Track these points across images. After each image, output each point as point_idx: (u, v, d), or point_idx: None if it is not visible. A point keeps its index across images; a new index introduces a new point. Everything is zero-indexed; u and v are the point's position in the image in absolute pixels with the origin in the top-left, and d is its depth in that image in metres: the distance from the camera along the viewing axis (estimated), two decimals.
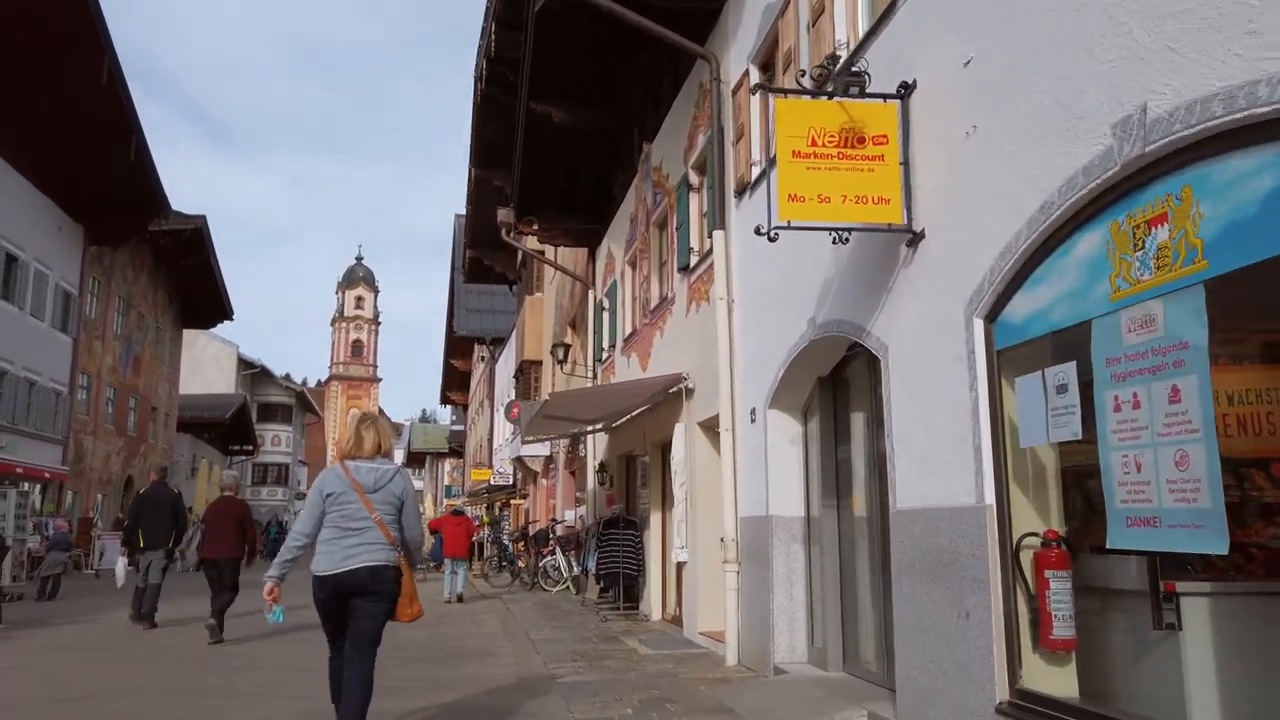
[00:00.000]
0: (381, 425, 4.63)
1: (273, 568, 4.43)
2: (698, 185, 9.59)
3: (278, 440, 55.87)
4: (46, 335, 23.86)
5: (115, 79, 21.29)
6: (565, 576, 15.38)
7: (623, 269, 13.26)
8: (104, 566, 22.05)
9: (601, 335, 14.78)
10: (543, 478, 23.02)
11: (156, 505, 10.44)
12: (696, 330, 9.17)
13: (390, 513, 4.42)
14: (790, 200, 4.57)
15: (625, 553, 10.95)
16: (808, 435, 7.02)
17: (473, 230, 28.62)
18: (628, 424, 12.00)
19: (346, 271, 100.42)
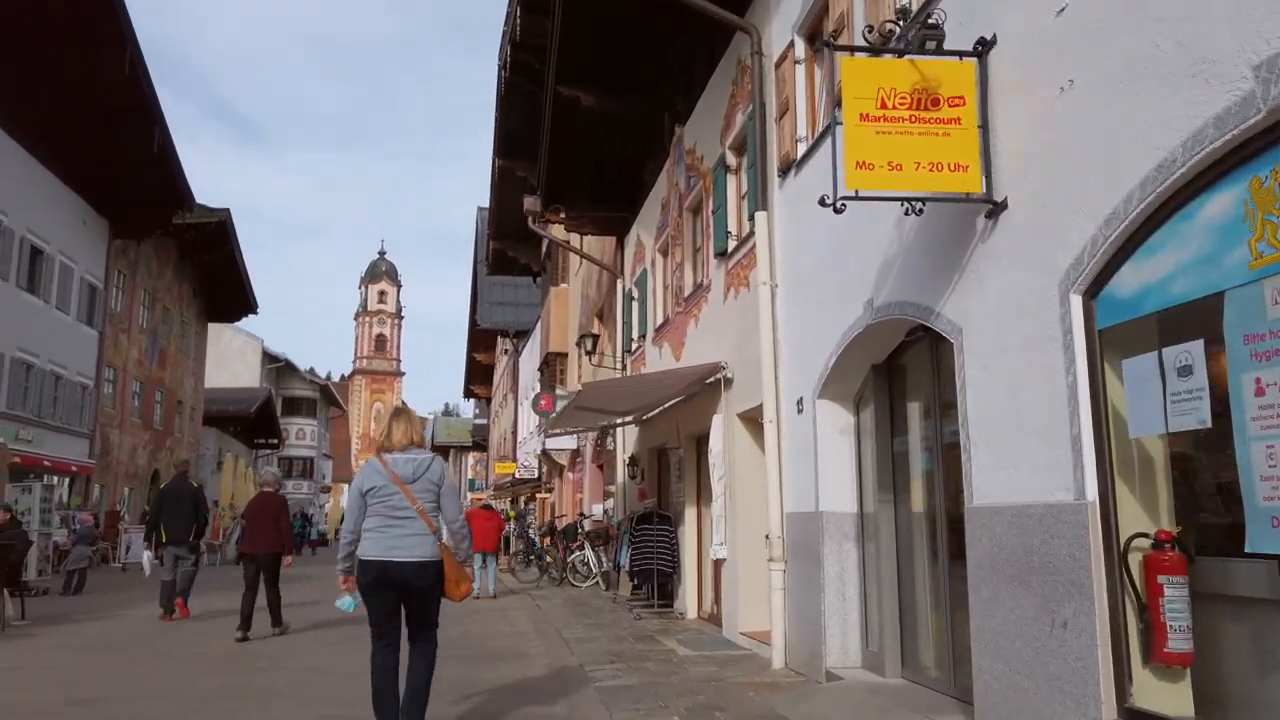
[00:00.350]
0: (413, 417, 4.76)
1: (339, 564, 4.69)
2: (735, 166, 9.19)
3: (302, 434, 56.04)
4: (72, 329, 23.83)
5: (137, 69, 21.16)
6: (594, 572, 15.06)
7: (653, 257, 12.88)
8: (130, 560, 22.02)
9: (630, 325, 14.42)
10: (569, 471, 22.72)
11: (178, 500, 10.54)
12: (735, 318, 8.77)
13: (430, 500, 4.55)
14: (858, 168, 4.17)
15: (659, 549, 10.59)
16: (860, 426, 6.61)
17: (496, 221, 28.36)
18: (660, 416, 11.64)
19: (369, 266, 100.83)
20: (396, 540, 4.44)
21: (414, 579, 4.45)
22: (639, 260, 13.98)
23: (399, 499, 4.47)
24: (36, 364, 21.68)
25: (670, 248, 11.80)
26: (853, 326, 5.97)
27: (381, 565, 4.42)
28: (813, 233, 6.81)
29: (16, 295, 20.69)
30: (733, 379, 8.79)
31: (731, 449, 8.75)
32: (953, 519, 5.36)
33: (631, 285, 14.49)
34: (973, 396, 4.44)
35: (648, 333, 13.10)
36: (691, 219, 10.97)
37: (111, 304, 26.60)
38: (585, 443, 19.36)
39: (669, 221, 11.87)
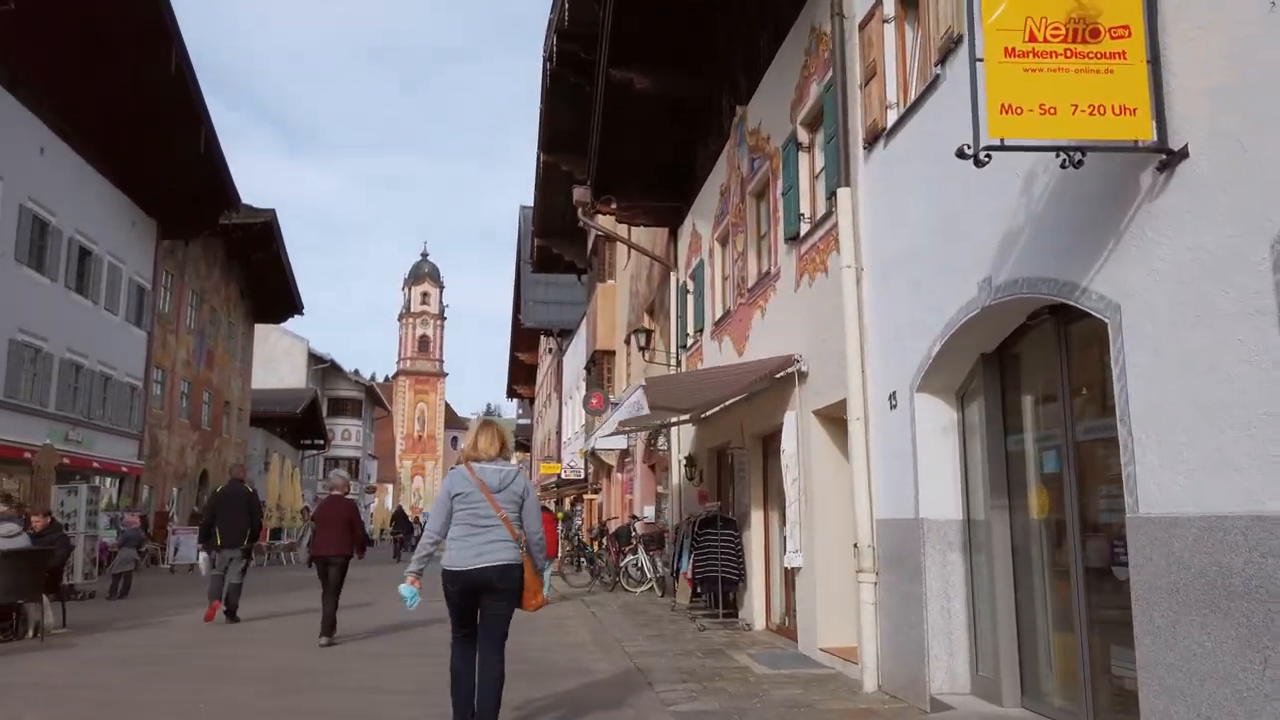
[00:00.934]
0: (501, 428, 4.94)
1: (411, 563, 4.79)
2: (808, 143, 8.51)
3: (348, 434, 56.28)
4: (121, 329, 23.85)
5: (183, 68, 21.04)
6: (649, 577, 14.45)
7: (711, 247, 12.24)
8: (179, 561, 21.93)
9: (685, 320, 13.79)
10: (617, 472, 22.15)
11: (232, 503, 10.62)
12: (810, 307, 8.10)
13: (514, 511, 4.70)
14: (1003, 112, 3.50)
15: (725, 555, 9.94)
16: (965, 423, 5.91)
17: (541, 218, 27.92)
18: (720, 414, 10.99)
19: (412, 268, 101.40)
20: (481, 548, 4.59)
21: (497, 581, 4.59)
22: (694, 251, 13.34)
23: (485, 507, 4.64)
24: (86, 365, 21.67)
25: (731, 236, 11.15)
26: (963, 310, 5.27)
27: (468, 575, 4.58)
28: (909, 208, 6.12)
29: (66, 296, 20.68)
30: (807, 373, 8.11)
31: (807, 449, 8.08)
32: (1090, 528, 4.66)
33: (686, 278, 13.86)
34: (1137, 385, 3.73)
35: (705, 327, 12.47)
36: (755, 204, 10.30)
37: (160, 305, 26.65)
38: (635, 443, 18.78)
39: (729, 208, 11.22)
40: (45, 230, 19.73)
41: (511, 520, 4.66)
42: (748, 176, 10.35)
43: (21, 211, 18.59)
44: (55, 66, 19.63)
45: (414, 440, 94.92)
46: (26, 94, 18.82)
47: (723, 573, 9.95)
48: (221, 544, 10.38)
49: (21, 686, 6.65)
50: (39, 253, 19.48)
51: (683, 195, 14.38)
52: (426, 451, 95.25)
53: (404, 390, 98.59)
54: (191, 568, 21.93)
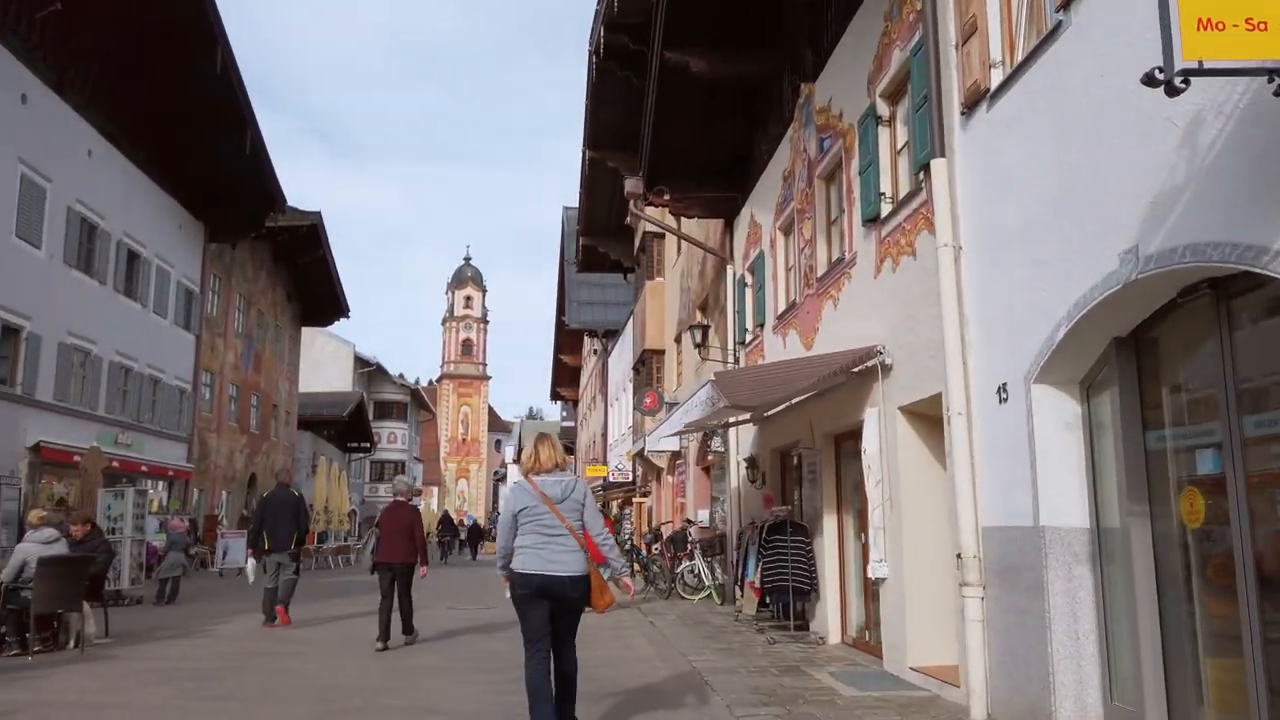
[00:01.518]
0: (555, 442, 5.15)
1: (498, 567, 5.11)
2: (889, 116, 7.84)
3: (394, 437, 56.41)
4: (169, 332, 23.84)
5: (229, 69, 20.91)
6: (707, 584, 13.82)
7: (772, 237, 11.60)
8: (228, 565, 21.80)
9: (744, 315, 13.16)
10: (668, 474, 21.55)
11: (281, 508, 10.68)
12: (893, 293, 7.44)
13: (577, 519, 4.95)
14: (1201, 29, 2.84)
15: (796, 563, 9.29)
16: (1092, 418, 5.21)
17: (586, 217, 27.44)
18: (785, 413, 10.34)
19: (455, 272, 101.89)
20: (554, 556, 4.82)
21: (570, 590, 4.85)
22: (753, 242, 12.71)
23: (550, 518, 4.85)
24: (135, 368, 21.65)
25: (796, 224, 10.50)
26: (1098, 288, 4.58)
27: (542, 579, 4.80)
28: (1020, 176, 5.44)
29: (114, 298, 20.65)
30: (891, 366, 7.44)
31: (892, 449, 7.40)
32: (1266, 536, 3.96)
33: (744, 271, 13.24)
34: None
35: (766, 321, 11.83)
36: (824, 188, 9.65)
37: (207, 308, 26.66)
38: (688, 445, 18.17)
39: (793, 195, 10.57)
40: (94, 233, 19.70)
41: (576, 529, 4.90)
42: (815, 159, 9.70)
43: (70, 214, 18.55)
44: (102, 69, 19.61)
45: (458, 443, 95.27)
46: (74, 97, 18.79)
47: (794, 582, 9.30)
48: (270, 549, 10.43)
49: (57, 706, 6.24)
50: (88, 255, 19.45)
51: (739, 185, 13.75)
52: (470, 454, 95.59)
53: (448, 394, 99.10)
54: (240, 571, 21.81)
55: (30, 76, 17.04)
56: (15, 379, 16.77)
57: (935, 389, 6.55)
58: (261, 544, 10.47)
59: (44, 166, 17.49)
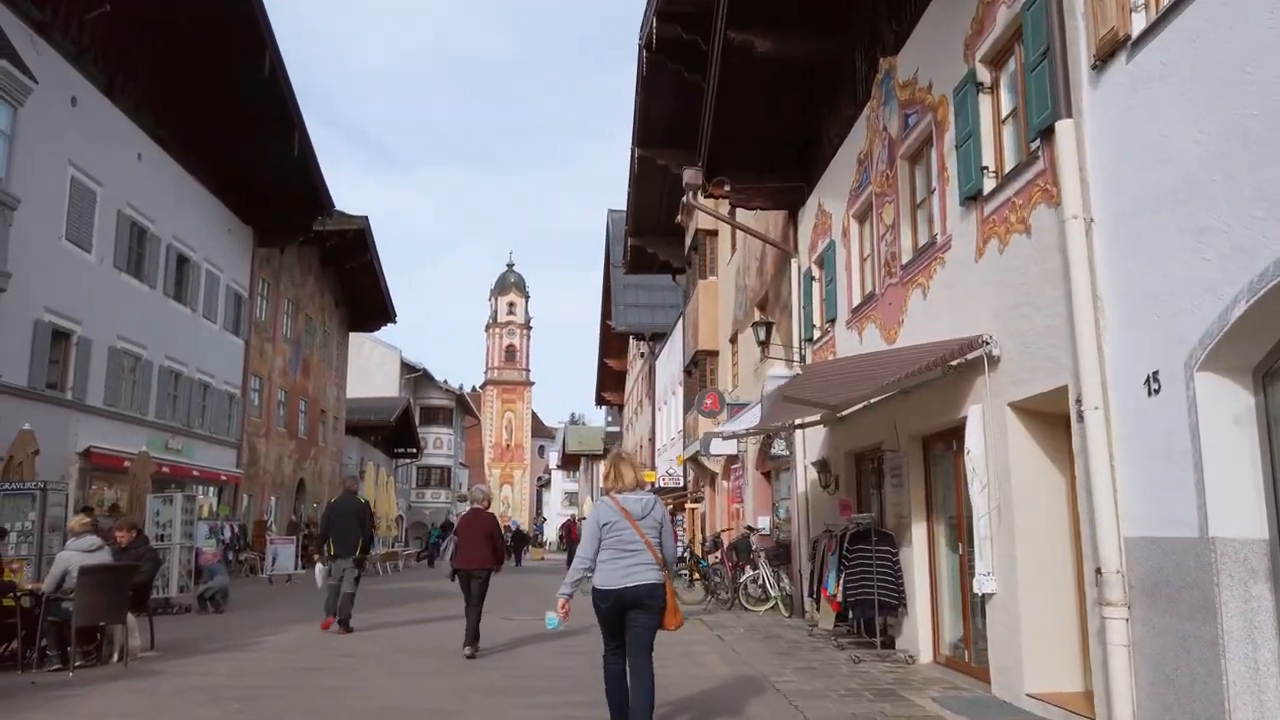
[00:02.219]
0: (634, 461, 5.42)
1: (564, 586, 5.21)
2: (991, 81, 7.11)
3: (439, 443, 56.37)
4: (219, 337, 23.75)
5: (276, 71, 20.73)
6: (772, 595, 13.10)
7: (844, 225, 10.89)
8: (276, 571, 21.56)
9: (810, 310, 12.45)
10: (722, 479, 20.86)
11: (345, 515, 10.90)
12: (1000, 277, 6.71)
13: (655, 536, 5.15)
14: None
15: (882, 575, 8.56)
16: (1269, 410, 4.45)
17: (635, 216, 26.90)
18: (862, 413, 9.62)
19: (498, 278, 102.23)
20: (629, 569, 5.05)
21: (646, 598, 5.03)
22: (821, 233, 12.01)
23: (630, 533, 5.08)
24: (185, 372, 21.53)
25: (874, 209, 9.78)
26: None
27: (618, 593, 5.04)
28: (1175, 133, 4.70)
29: (164, 303, 20.54)
30: (999, 357, 6.71)
31: (1001, 450, 6.66)
32: None
33: (811, 264, 12.53)
34: None
35: (838, 316, 11.11)
36: (908, 168, 8.93)
37: (256, 313, 26.59)
38: (746, 448, 17.48)
39: (870, 179, 9.86)
40: (144, 237, 19.60)
41: (654, 544, 5.14)
42: (898, 137, 8.98)
43: (120, 218, 18.44)
44: (151, 72, 19.53)
45: (502, 449, 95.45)
46: (124, 101, 18.70)
47: (880, 595, 8.56)
48: (335, 554, 10.64)
49: None
50: (137, 260, 19.34)
51: (803, 174, 13.06)
52: (514, 460, 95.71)
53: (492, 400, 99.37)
54: (289, 578, 21.58)
55: (80, 79, 16.94)
56: (66, 384, 16.64)
57: (1058, 381, 5.82)
58: (328, 550, 10.75)
59: (94, 170, 17.39)
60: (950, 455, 8.05)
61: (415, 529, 50.19)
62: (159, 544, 13.28)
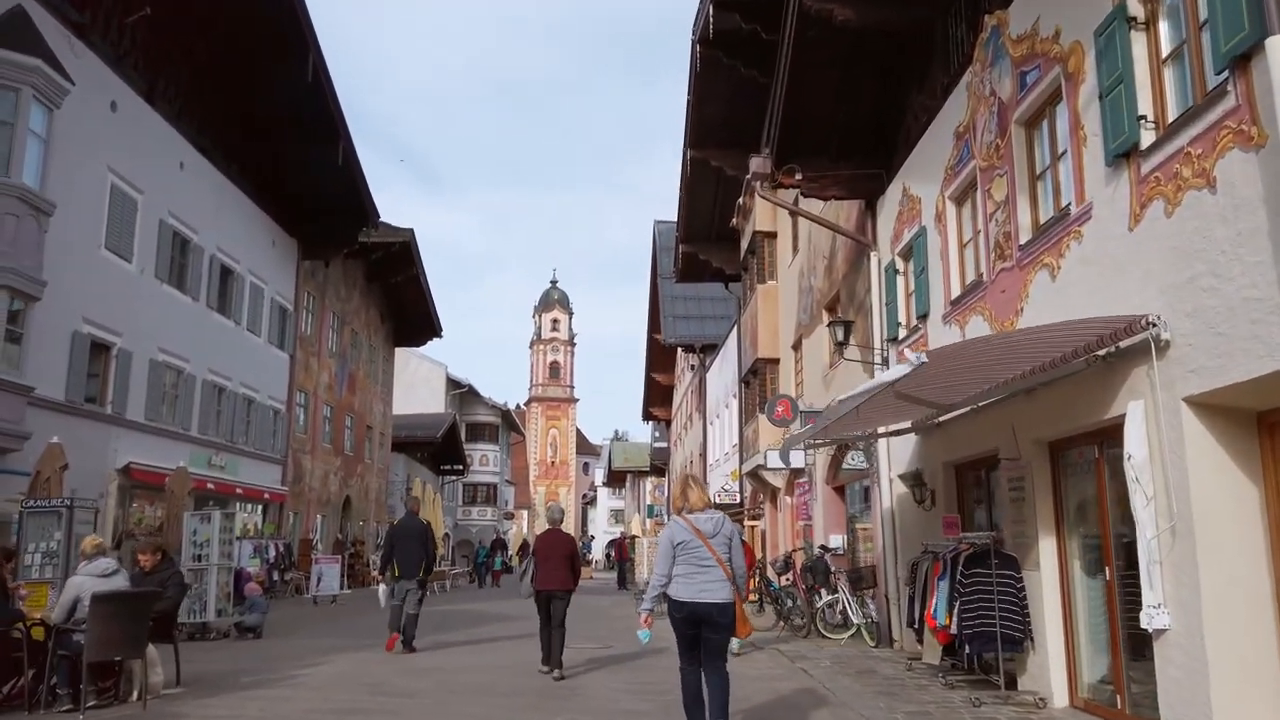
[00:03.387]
0: (701, 483, 5.94)
1: (645, 601, 5.84)
2: (1145, 17, 5.97)
3: (485, 460, 55.73)
4: (263, 351, 23.21)
5: (320, 76, 20.19)
6: (854, 622, 11.88)
7: (938, 209, 9.76)
8: (321, 592, 20.81)
9: (894, 307, 11.31)
10: (785, 495, 19.65)
11: (408, 536, 10.88)
12: (1168, 244, 5.55)
13: (725, 552, 5.56)
14: None
15: (1005, 604, 7.37)
16: None
17: (686, 222, 25.93)
18: (968, 418, 8.47)
19: (542, 295, 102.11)
20: (703, 585, 5.43)
21: (718, 616, 5.44)
22: (907, 221, 10.88)
23: (702, 551, 5.48)
24: (229, 387, 20.97)
25: (979, 187, 8.65)
26: None
27: (692, 605, 5.43)
28: None
29: (207, 315, 20.01)
30: (1168, 342, 5.54)
31: (1176, 456, 5.47)
32: None
33: (894, 256, 11.40)
34: None
35: (932, 310, 9.96)
36: (1024, 135, 7.79)
37: (302, 327, 26.06)
38: (813, 461, 16.29)
39: (973, 153, 8.73)
40: (186, 248, 19.10)
41: (724, 560, 5.48)
42: (1010, 101, 7.86)
43: (162, 228, 17.93)
44: (193, 79, 19.09)
45: (547, 466, 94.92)
46: (166, 107, 18.24)
47: (1004, 627, 7.37)
48: (399, 575, 10.67)
49: None
50: (180, 271, 18.82)
51: (883, 159, 11.96)
52: (560, 477, 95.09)
53: (536, 417, 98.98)
54: (334, 599, 20.82)
55: (120, 84, 16.47)
56: (105, 398, 16.07)
57: (1263, 368, 4.65)
58: (391, 571, 10.79)
59: (135, 177, 16.89)
60: (1089, 463, 6.86)
61: (462, 547, 49.48)
62: (196, 564, 12.54)
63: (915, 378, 6.04)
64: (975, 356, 6.02)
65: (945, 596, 7.81)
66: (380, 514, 34.68)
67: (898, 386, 6.29)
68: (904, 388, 6.38)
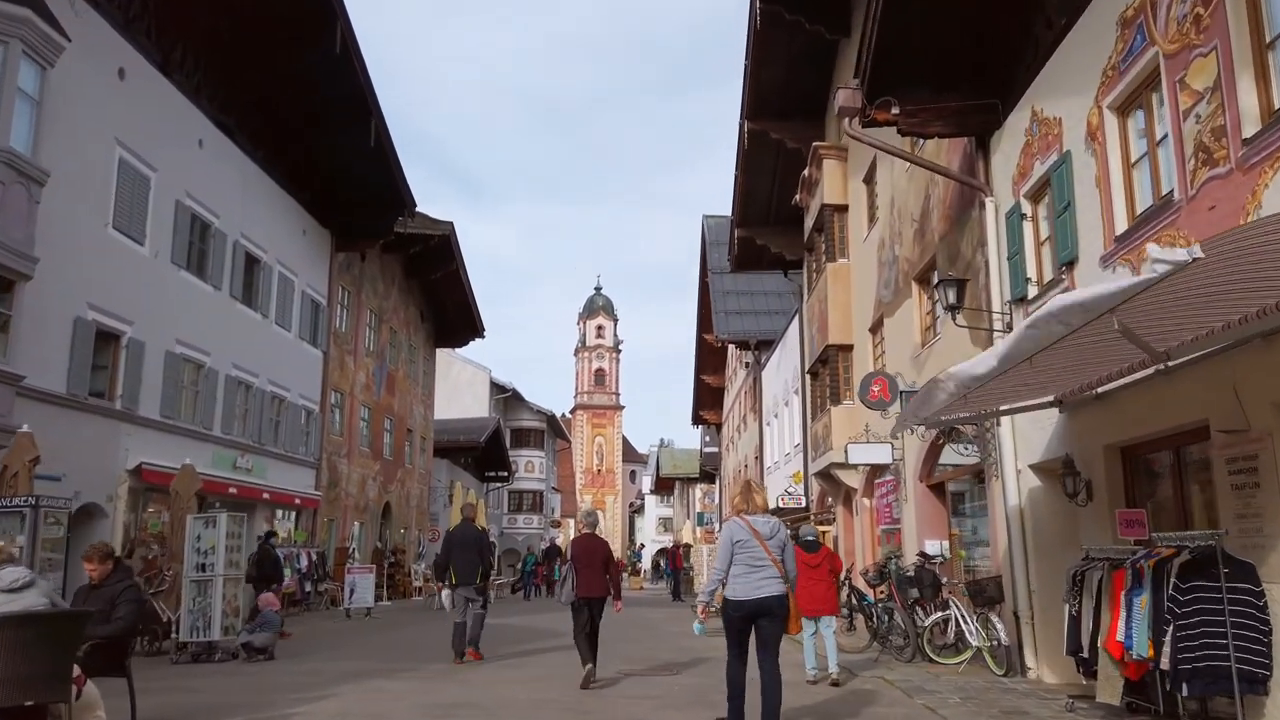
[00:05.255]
0: (760, 487, 6.35)
1: (701, 595, 6.56)
2: None
3: (531, 466, 54.19)
4: (294, 347, 21.77)
5: (348, 47, 18.71)
6: (973, 644, 9.80)
7: (1091, 126, 7.76)
8: (355, 605, 19.22)
9: (1021, 260, 9.29)
10: (861, 496, 17.56)
11: (465, 543, 10.92)
12: None
13: (779, 554, 5.97)
14: None
15: (1241, 629, 5.32)
16: None
17: (743, 204, 24.02)
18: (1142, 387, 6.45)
19: (586, 302, 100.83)
20: (759, 582, 5.87)
21: (776, 608, 5.88)
22: (1041, 151, 8.87)
23: (758, 550, 5.93)
24: (255, 384, 19.51)
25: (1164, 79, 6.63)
26: None
27: (749, 603, 5.86)
28: None
29: (231, 306, 18.57)
30: None
31: None
32: None
33: (1020, 198, 9.38)
34: None
35: (1082, 255, 7.93)
36: None
37: (336, 323, 24.63)
38: (900, 455, 14.24)
39: (1151, 36, 6.72)
40: (207, 233, 17.68)
41: (778, 560, 5.95)
42: None
43: (179, 209, 16.52)
44: (212, 51, 17.72)
45: (593, 474, 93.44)
46: (183, 81, 16.87)
47: (1237, 660, 5.32)
48: (456, 583, 10.76)
49: None
50: (200, 257, 17.41)
51: (999, 85, 9.95)
52: (606, 486, 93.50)
53: (582, 424, 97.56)
54: (368, 612, 19.22)
55: (129, 50, 15.08)
56: (114, 392, 14.63)
57: None
58: (449, 579, 10.91)
59: (147, 153, 15.48)
60: None
61: (508, 556, 47.83)
62: (200, 575, 10.93)
63: (1157, 297, 4.05)
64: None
65: (1148, 617, 5.77)
66: (422, 521, 33.17)
67: (1119, 314, 4.29)
68: (1129, 317, 4.37)
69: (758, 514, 6.05)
